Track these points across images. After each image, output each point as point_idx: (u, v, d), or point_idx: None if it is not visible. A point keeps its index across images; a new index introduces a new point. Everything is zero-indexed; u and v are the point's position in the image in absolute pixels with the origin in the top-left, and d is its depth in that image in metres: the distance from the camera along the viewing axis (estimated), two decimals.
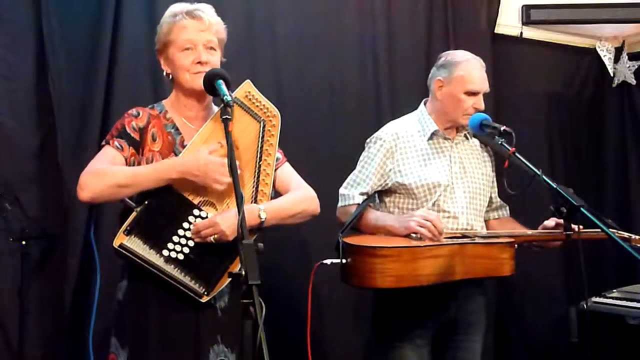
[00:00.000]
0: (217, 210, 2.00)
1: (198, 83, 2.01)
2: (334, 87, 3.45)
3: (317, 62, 3.41)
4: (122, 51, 3.00)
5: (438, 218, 2.28)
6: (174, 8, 2.11)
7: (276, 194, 2.15)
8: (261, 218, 1.99)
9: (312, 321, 2.17)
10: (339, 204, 2.51)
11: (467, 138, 2.59)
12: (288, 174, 2.20)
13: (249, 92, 2.10)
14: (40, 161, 2.93)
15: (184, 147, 2.05)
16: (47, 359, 2.90)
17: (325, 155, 3.35)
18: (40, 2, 2.88)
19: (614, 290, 3.29)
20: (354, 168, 2.54)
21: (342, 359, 3.36)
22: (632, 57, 3.91)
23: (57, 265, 2.90)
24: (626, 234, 2.36)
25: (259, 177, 2.07)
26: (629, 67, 3.90)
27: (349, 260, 2.18)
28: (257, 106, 2.10)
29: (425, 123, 2.52)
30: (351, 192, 2.47)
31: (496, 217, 2.67)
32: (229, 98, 1.87)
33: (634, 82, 3.90)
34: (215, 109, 2.15)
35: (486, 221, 2.62)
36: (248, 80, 2.11)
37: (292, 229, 3.24)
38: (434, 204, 2.43)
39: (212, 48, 2.08)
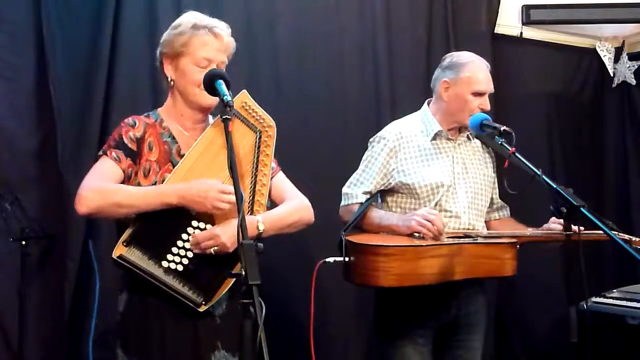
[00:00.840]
0: (213, 221, 1.99)
1: (208, 101, 2.04)
2: (334, 87, 3.45)
3: (317, 62, 3.41)
4: (122, 52, 3.00)
5: (439, 217, 2.29)
6: (193, 19, 2.08)
7: (271, 203, 2.15)
8: (259, 230, 2.01)
9: (314, 319, 2.17)
10: (342, 203, 2.51)
11: (469, 139, 2.59)
12: (282, 183, 2.21)
13: (245, 102, 2.09)
14: (40, 161, 2.93)
15: (180, 156, 2.04)
16: (47, 359, 2.91)
17: (325, 156, 3.35)
18: (40, 2, 2.88)
19: (614, 290, 3.29)
20: (354, 168, 2.54)
21: (344, 356, 3.37)
22: (632, 57, 3.91)
23: (57, 266, 2.90)
24: (626, 236, 2.36)
25: (255, 187, 2.06)
26: (629, 67, 3.90)
27: (352, 258, 2.18)
28: (254, 116, 2.09)
29: (429, 123, 2.53)
30: (354, 191, 2.48)
31: (497, 217, 2.67)
32: (229, 98, 1.86)
33: (634, 82, 3.90)
34: (212, 119, 2.15)
35: (487, 222, 2.62)
36: (244, 91, 2.10)
37: None
38: (436, 204, 2.43)
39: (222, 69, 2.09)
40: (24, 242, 2.79)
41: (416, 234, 2.27)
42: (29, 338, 2.84)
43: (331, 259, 2.19)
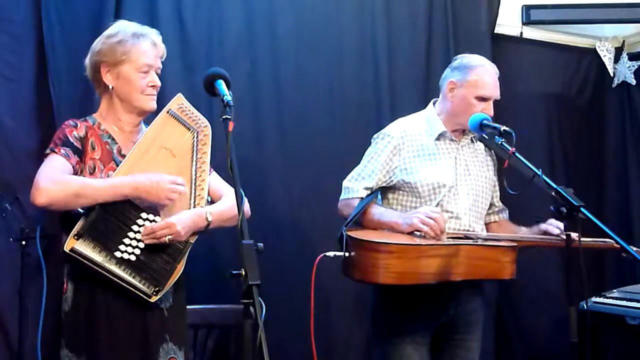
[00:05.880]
0: (160, 214, 2.08)
1: (151, 105, 2.16)
2: (334, 86, 3.45)
3: (317, 61, 3.41)
4: None
5: (442, 216, 2.29)
6: (131, 28, 2.17)
7: (210, 199, 2.24)
8: (208, 220, 2.13)
9: (314, 314, 2.18)
10: (342, 196, 2.51)
11: (472, 142, 2.59)
12: (218, 180, 2.32)
13: (182, 104, 2.21)
14: (40, 161, 2.92)
15: (122, 155, 2.14)
16: (47, 359, 2.90)
17: (325, 154, 3.35)
18: (40, 2, 2.88)
19: (614, 290, 3.30)
20: (354, 165, 2.54)
21: (345, 352, 3.36)
22: (632, 57, 3.91)
23: (57, 266, 2.89)
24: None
25: (196, 182, 2.18)
26: (629, 67, 3.91)
27: (352, 254, 2.18)
28: (190, 117, 2.22)
29: (434, 123, 2.53)
30: (355, 185, 2.48)
31: (496, 220, 2.67)
32: (229, 98, 1.88)
33: (634, 82, 3.90)
34: (143, 124, 2.25)
35: (486, 224, 2.62)
36: (180, 94, 2.23)
37: (293, 223, 3.27)
38: (438, 204, 2.43)
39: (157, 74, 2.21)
40: (24, 242, 2.79)
41: (417, 232, 2.27)
42: (29, 338, 2.83)
43: (331, 254, 2.20)
